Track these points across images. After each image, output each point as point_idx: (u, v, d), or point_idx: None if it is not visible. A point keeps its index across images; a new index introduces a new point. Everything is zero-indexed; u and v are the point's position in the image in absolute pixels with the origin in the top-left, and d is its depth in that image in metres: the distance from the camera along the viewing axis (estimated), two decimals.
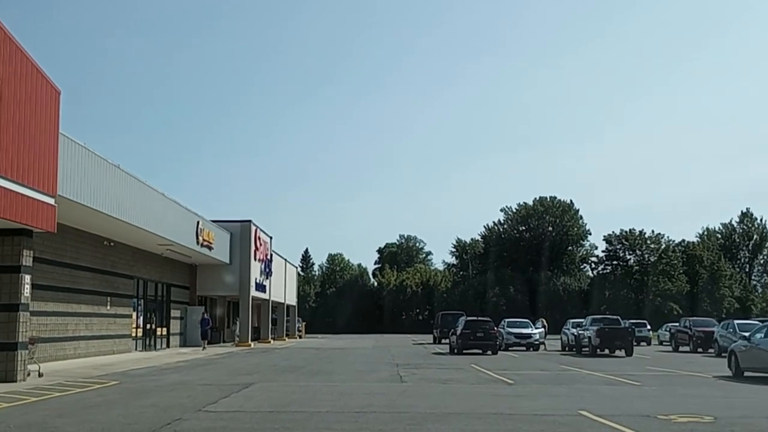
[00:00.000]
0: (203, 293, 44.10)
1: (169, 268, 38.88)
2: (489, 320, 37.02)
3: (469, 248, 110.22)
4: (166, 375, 20.45)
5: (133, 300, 34.00)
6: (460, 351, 35.43)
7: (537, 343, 40.93)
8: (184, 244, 34.03)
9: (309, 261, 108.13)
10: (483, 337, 35.29)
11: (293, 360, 29.00)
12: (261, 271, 47.11)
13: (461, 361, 28.93)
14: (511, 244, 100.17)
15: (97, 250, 29.52)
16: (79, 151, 22.08)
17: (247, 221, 43.99)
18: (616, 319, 37.91)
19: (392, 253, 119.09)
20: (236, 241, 43.34)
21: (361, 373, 21.72)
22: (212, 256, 39.53)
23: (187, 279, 42.54)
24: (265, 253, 48.09)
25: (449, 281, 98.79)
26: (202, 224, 36.25)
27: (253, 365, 25.19)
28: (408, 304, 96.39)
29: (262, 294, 48.04)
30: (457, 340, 35.79)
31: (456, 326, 37.85)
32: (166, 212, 31.13)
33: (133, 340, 33.98)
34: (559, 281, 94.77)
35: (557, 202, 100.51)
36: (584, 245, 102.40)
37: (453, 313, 53.67)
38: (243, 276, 43.36)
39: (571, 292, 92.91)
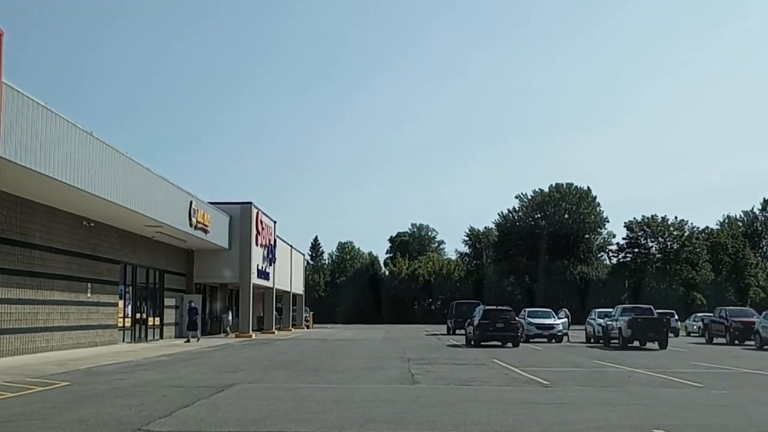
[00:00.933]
0: (201, 280, 40.87)
1: (162, 252, 35.67)
2: (509, 309, 33.65)
3: (482, 237, 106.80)
4: (135, 373, 17.20)
5: (120, 287, 30.81)
6: (478, 343, 32.13)
7: (560, 334, 37.53)
8: (175, 226, 30.78)
9: (318, 249, 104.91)
10: (503, 328, 31.95)
11: (291, 353, 25.72)
12: (264, 257, 43.85)
13: (481, 355, 25.60)
14: (527, 232, 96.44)
15: (75, 231, 26.31)
16: (40, 112, 18.84)
17: (248, 203, 40.69)
18: (648, 309, 34.43)
19: (404, 242, 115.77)
20: (236, 224, 40.07)
21: (365, 370, 18.39)
22: (209, 241, 36.28)
23: (184, 265, 39.33)
24: (269, 238, 44.83)
25: (463, 270, 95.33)
26: (196, 204, 32.98)
27: (243, 360, 21.92)
28: (420, 293, 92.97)
29: (265, 282, 44.79)
30: (475, 331, 32.46)
31: (473, 316, 34.52)
32: (152, 189, 27.87)
33: (119, 331, 30.81)
34: (576, 270, 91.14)
35: (574, 188, 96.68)
36: (602, 233, 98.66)
37: (468, 302, 50.36)
38: (243, 262, 40.11)
39: (588, 282, 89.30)
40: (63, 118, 20.47)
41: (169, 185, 29.85)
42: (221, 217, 38.41)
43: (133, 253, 31.95)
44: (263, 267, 43.80)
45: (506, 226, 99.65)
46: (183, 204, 31.73)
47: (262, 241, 43.14)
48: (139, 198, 26.53)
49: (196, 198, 33.11)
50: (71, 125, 21.02)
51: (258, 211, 41.97)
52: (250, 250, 40.34)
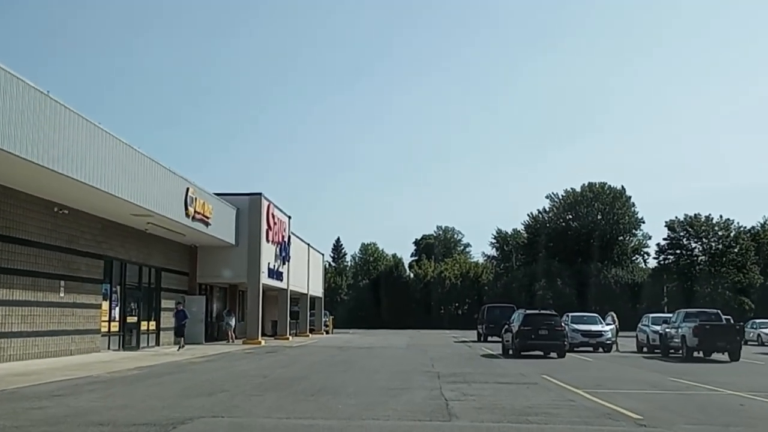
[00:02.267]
0: (206, 280, 36.46)
1: (159, 248, 31.30)
2: (554, 314, 28.86)
3: (510, 239, 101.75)
4: (72, 397, 12.70)
5: (104, 286, 26.46)
6: (518, 353, 27.40)
7: (609, 342, 32.63)
8: (167, 216, 26.33)
9: (341, 251, 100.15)
10: (547, 336, 27.19)
11: (296, 366, 21.09)
12: (276, 255, 39.34)
13: (525, 369, 20.89)
14: (558, 233, 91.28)
15: (42, 219, 21.98)
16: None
17: (257, 194, 36.16)
18: (716, 314, 29.47)
19: (429, 245, 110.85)
20: (244, 218, 35.59)
21: (383, 393, 13.71)
22: (212, 235, 31.85)
23: (185, 263, 34.93)
24: (282, 234, 40.32)
25: (491, 273, 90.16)
26: (194, 192, 28.52)
27: (232, 376, 17.33)
28: (447, 297, 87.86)
29: (278, 282, 40.28)
30: (514, 338, 27.69)
31: (510, 322, 29.78)
32: (138, 171, 23.45)
33: (104, 337, 26.45)
34: (611, 273, 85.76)
35: (607, 188, 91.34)
36: (637, 235, 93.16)
37: (501, 306, 45.59)
38: (252, 260, 35.60)
39: (623, 285, 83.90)
40: (20, 80, 16.21)
41: (159, 167, 25.41)
42: (227, 210, 33.97)
43: (121, 247, 27.59)
44: (275, 266, 39.30)
45: (536, 228, 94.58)
46: (177, 190, 27.28)
47: (274, 238, 38.64)
48: (121, 180, 22.15)
49: (194, 185, 28.67)
50: (29, 88, 16.72)
51: (269, 203, 37.46)
52: (260, 246, 35.83)
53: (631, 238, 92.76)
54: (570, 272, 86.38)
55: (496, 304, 47.22)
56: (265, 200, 36.83)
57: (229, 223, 34.49)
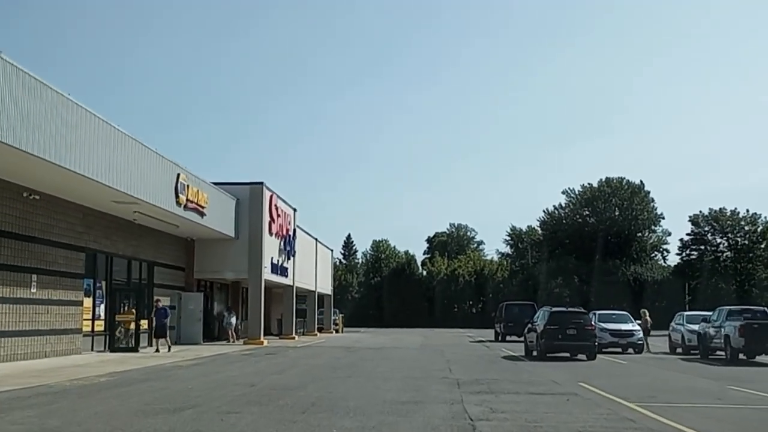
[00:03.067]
0: (204, 276, 33.82)
1: (150, 240, 28.69)
2: (583, 312, 26.06)
3: (525, 236, 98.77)
4: (4, 414, 10.02)
5: (87, 281, 23.86)
6: (544, 355, 24.58)
7: (640, 342, 29.73)
8: (155, 204, 23.67)
9: (351, 248, 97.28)
10: (576, 336, 24.38)
11: (293, 371, 18.34)
12: (280, 249, 36.66)
13: (556, 374, 18.13)
14: (575, 230, 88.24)
15: (8, 206, 19.39)
16: None
17: (258, 183, 33.45)
18: (762, 312, 26.52)
19: (442, 243, 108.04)
20: (244, 209, 32.92)
21: (392, 410, 10.97)
22: (208, 226, 29.21)
23: (182, 257, 32.32)
24: (286, 227, 37.62)
25: (506, 270, 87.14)
26: (186, 178, 25.86)
27: (211, 385, 14.60)
28: (460, 295, 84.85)
29: (282, 278, 37.59)
30: (539, 339, 24.85)
31: (533, 321, 26.99)
32: (119, 153, 20.81)
33: (87, 337, 23.84)
34: (630, 270, 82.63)
35: (626, 183, 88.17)
36: (656, 231, 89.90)
37: (521, 303, 42.84)
38: (253, 254, 32.92)
39: (643, 283, 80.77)
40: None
41: (144, 150, 22.75)
42: (225, 200, 31.32)
43: (106, 238, 24.97)
44: (279, 261, 36.62)
45: (552, 224, 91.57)
46: (167, 176, 24.61)
47: (278, 231, 35.95)
48: (100, 163, 19.54)
49: (185, 170, 26.00)
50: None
51: (272, 194, 34.77)
52: (262, 239, 33.14)
53: (650, 235, 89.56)
54: (587, 269, 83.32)
55: (515, 302, 44.38)
56: (268, 190, 34.15)
57: (228, 214, 31.85)
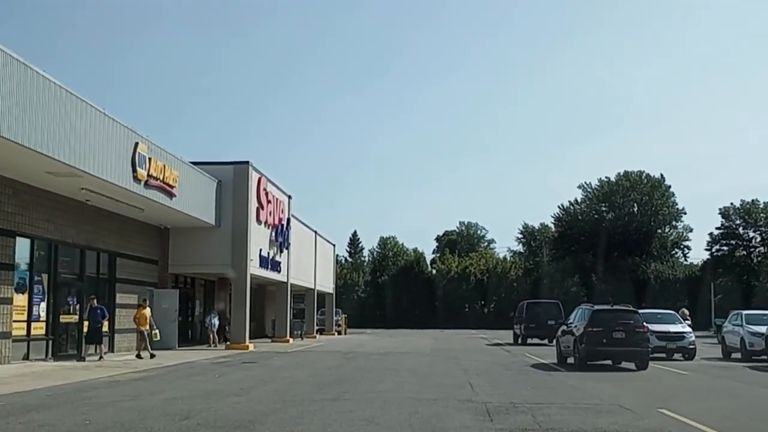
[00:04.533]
0: (181, 270, 29.05)
1: (112, 227, 23.95)
2: (633, 311, 21.05)
3: (538, 234, 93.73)
4: None
5: (19, 273, 19.14)
6: (583, 362, 19.68)
7: (692, 347, 24.77)
8: (103, 178, 18.88)
9: (358, 245, 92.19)
10: (624, 340, 19.52)
11: (259, 392, 13.42)
12: (271, 240, 31.83)
13: (617, 393, 13.30)
14: (591, 226, 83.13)
15: None
16: None
17: (244, 163, 28.61)
18: None
19: (452, 241, 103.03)
20: (227, 192, 28.12)
21: None
22: (180, 211, 24.43)
23: (154, 248, 27.57)
24: (278, 215, 32.79)
25: (519, 268, 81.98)
26: (147, 149, 21.05)
27: (123, 417, 9.78)
28: (472, 294, 79.71)
29: (274, 274, 32.75)
30: (578, 343, 19.93)
31: (568, 321, 22.06)
32: (52, 110, 16.04)
33: (20, 343, 19.09)
34: (650, 268, 77.51)
35: (645, 176, 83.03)
36: (677, 227, 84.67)
37: (544, 302, 37.96)
38: (237, 245, 28.11)
39: (664, 281, 75.66)
40: None
41: (89, 109, 17.94)
42: (203, 181, 26.52)
43: (48, 222, 20.22)
44: (270, 254, 31.80)
45: (567, 220, 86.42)
46: (120, 145, 19.79)
47: (269, 219, 31.14)
48: (21, 121, 14.81)
49: (147, 140, 21.19)
50: None
51: (261, 176, 29.94)
52: (248, 228, 28.33)
53: (671, 231, 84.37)
54: (605, 267, 78.19)
55: (538, 300, 39.46)
56: (255, 171, 29.34)
57: (208, 197, 27.06)
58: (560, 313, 35.06)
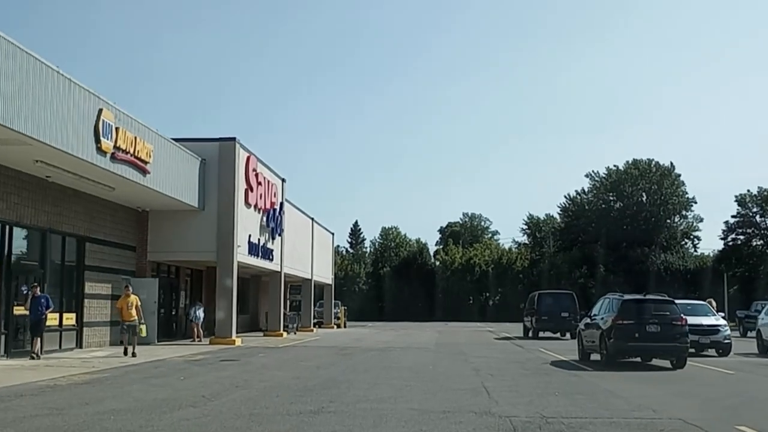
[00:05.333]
0: (162, 258, 26.35)
1: (80, 209, 21.27)
2: (669, 301, 18.28)
3: (543, 224, 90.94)
4: None
5: None
6: (612, 360, 17.02)
7: (727, 342, 22.07)
8: (60, 148, 16.17)
9: (359, 236, 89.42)
10: (660, 334, 16.87)
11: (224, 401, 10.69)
12: (261, 225, 29.14)
13: (671, 403, 10.60)
14: (599, 216, 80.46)
15: None
16: None
17: (230, 139, 25.86)
18: None
19: (455, 233, 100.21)
20: (212, 172, 25.42)
21: None
22: (159, 191, 21.75)
23: (132, 233, 24.89)
24: (270, 199, 30.08)
25: (525, 259, 79.12)
26: (114, 118, 18.32)
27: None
28: (477, 286, 77.02)
29: (265, 262, 30.07)
30: (605, 338, 17.26)
31: (592, 314, 19.33)
32: None
33: None
34: (659, 259, 74.79)
35: (654, 165, 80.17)
36: (687, 217, 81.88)
37: (556, 293, 35.35)
38: (223, 229, 25.42)
39: (674, 272, 72.93)
40: None
41: (41, 67, 15.23)
42: (183, 157, 23.80)
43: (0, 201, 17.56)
44: (261, 240, 29.12)
45: (573, 210, 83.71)
46: (80, 110, 17.04)
47: (259, 203, 28.44)
48: None
49: (114, 107, 18.47)
50: None
51: (249, 155, 27.22)
52: (235, 211, 25.63)
53: (681, 221, 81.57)
54: (614, 258, 75.55)
55: (550, 291, 36.75)
56: (243, 149, 26.62)
57: (189, 177, 24.35)
58: (574, 304, 32.43)
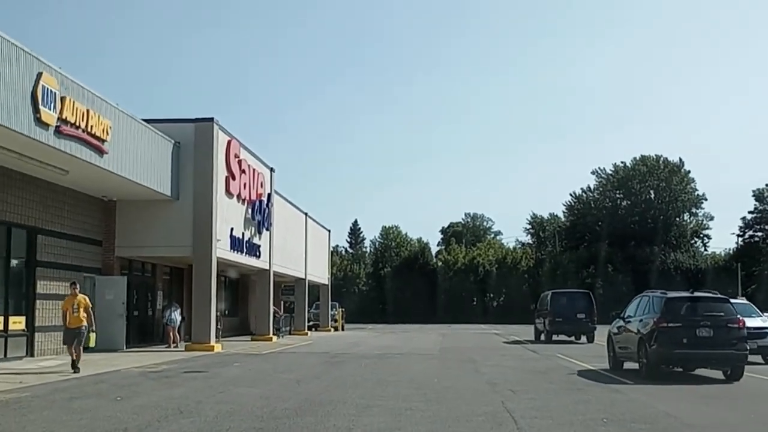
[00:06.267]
0: (132, 253, 23.22)
1: (30, 197, 18.27)
2: (724, 299, 15.13)
3: (547, 224, 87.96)
4: None
5: None
6: (653, 370, 13.99)
7: None
8: None
9: (358, 235, 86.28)
10: (713, 340, 13.80)
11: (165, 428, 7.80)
12: (246, 218, 26.09)
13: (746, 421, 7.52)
14: (605, 214, 77.54)
15: None
16: None
17: (207, 120, 22.78)
18: None
19: (457, 233, 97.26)
20: (187, 157, 22.37)
21: None
22: (123, 176, 18.73)
23: (96, 226, 21.88)
24: (257, 190, 27.03)
25: (531, 259, 75.88)
26: (58, 85, 15.28)
27: None
28: (480, 286, 73.80)
29: (251, 259, 27.01)
30: (645, 344, 14.20)
31: (626, 316, 16.27)
32: None
33: None
34: (669, 258, 71.78)
35: (663, 161, 77.22)
36: (697, 215, 78.88)
37: (571, 292, 32.33)
38: (200, 221, 22.37)
39: (685, 272, 69.91)
40: None
41: None
42: (153, 139, 20.76)
43: None
44: (246, 235, 26.08)
45: (579, 209, 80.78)
46: (13, 72, 14.05)
47: (243, 193, 25.39)
48: None
49: (59, 72, 15.44)
50: None
51: (231, 139, 24.17)
52: (213, 201, 22.58)
53: (691, 219, 78.56)
54: (622, 257, 72.53)
55: (564, 290, 33.69)
56: (223, 132, 23.58)
57: (160, 161, 21.31)
58: (591, 305, 29.40)
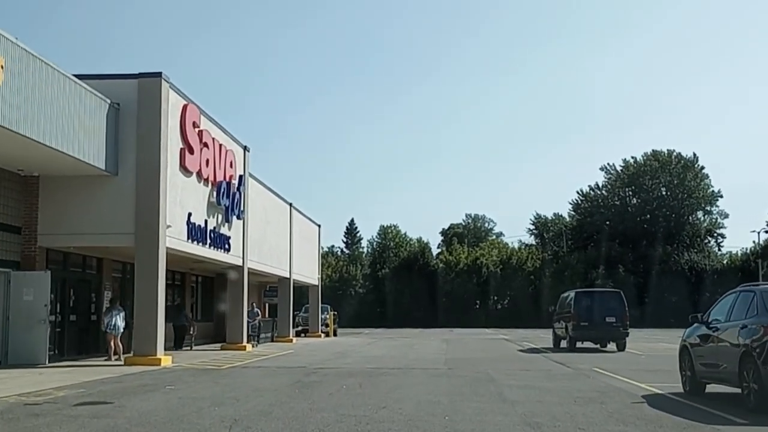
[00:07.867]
0: (58, 243, 18.38)
1: None
2: None
3: (551, 224, 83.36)
4: None
5: None
6: (764, 403, 9.18)
7: None
8: None
9: (355, 235, 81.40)
10: None
11: None
12: (210, 202, 21.30)
13: None
14: (615, 212, 72.99)
15: None
16: None
17: (154, 75, 18.01)
18: None
19: (458, 234, 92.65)
20: (128, 122, 17.63)
21: None
22: (22, 134, 14.01)
23: (12, 209, 17.18)
24: (225, 169, 22.24)
25: (537, 259, 71.05)
26: None
27: None
28: (483, 288, 68.88)
29: (216, 252, 22.16)
30: (757, 360, 9.40)
31: (709, 320, 11.54)
32: None
33: None
34: (683, 258, 67.13)
35: (676, 156, 72.63)
36: (711, 212, 74.22)
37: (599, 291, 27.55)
38: (145, 202, 17.60)
39: (700, 273, 65.33)
40: None
41: None
42: (79, 96, 15.98)
43: None
44: (211, 223, 21.31)
45: (586, 207, 76.11)
46: None
47: (205, 171, 20.62)
48: None
49: None
50: None
51: (188, 103, 19.39)
52: (161, 177, 17.79)
53: (705, 217, 73.92)
54: (633, 257, 67.92)
55: (591, 289, 28.93)
56: (176, 93, 18.82)
57: (91, 125, 16.55)
58: (623, 306, 24.64)
